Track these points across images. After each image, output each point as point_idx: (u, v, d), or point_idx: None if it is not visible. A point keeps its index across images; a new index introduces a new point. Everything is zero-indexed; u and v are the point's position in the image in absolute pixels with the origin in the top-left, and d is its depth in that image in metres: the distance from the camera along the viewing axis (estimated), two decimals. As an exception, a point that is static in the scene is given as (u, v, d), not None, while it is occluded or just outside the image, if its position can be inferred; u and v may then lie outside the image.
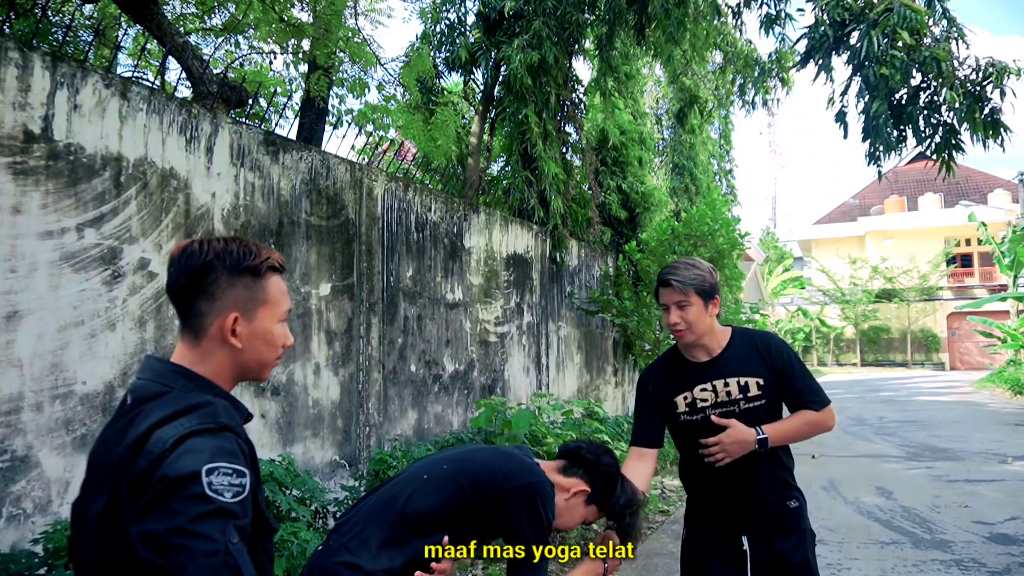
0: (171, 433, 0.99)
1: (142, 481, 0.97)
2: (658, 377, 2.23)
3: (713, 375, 2.13)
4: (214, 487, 0.95)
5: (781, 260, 34.57)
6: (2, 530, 2.77)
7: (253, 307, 1.18)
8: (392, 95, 7.79)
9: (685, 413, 2.15)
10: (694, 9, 7.18)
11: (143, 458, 0.98)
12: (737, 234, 8.60)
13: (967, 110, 5.22)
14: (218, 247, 1.16)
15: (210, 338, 1.16)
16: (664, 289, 2.12)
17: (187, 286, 1.15)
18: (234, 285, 1.16)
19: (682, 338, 2.12)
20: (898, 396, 16.50)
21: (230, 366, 1.18)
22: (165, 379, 1.12)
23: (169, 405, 1.05)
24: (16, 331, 2.87)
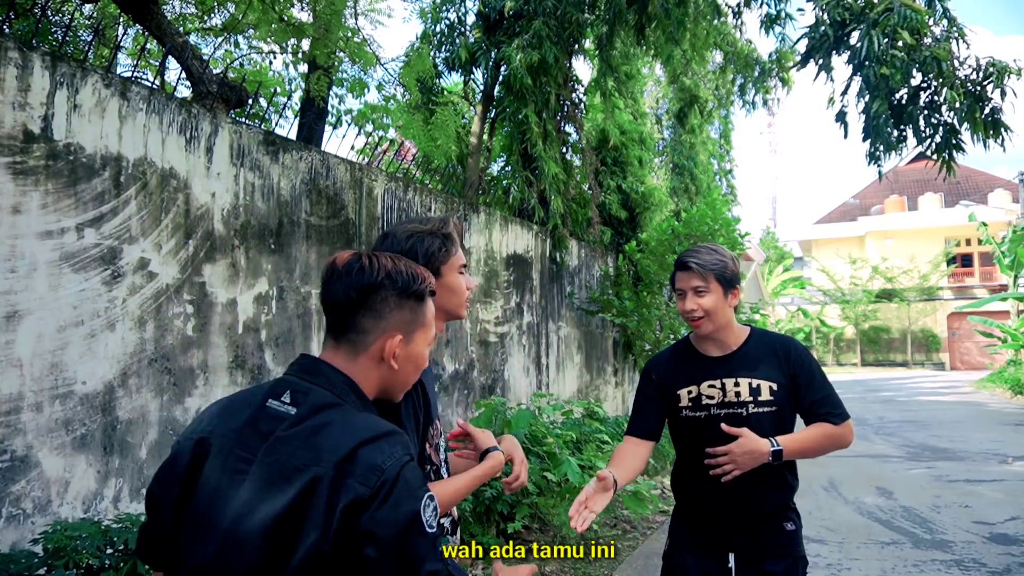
0: (386, 462, 1.00)
1: (363, 509, 0.96)
2: (664, 366, 2.09)
3: (724, 372, 1.98)
4: (428, 522, 1.00)
5: (781, 260, 34.57)
6: (2, 530, 2.77)
7: (413, 329, 1.19)
8: (392, 95, 7.79)
9: (688, 408, 2.01)
10: (694, 9, 7.18)
11: (359, 482, 0.97)
12: (737, 234, 8.59)
13: (967, 110, 5.22)
14: (388, 266, 1.17)
15: (370, 356, 1.16)
16: (682, 273, 1.98)
17: (356, 301, 1.15)
18: (402, 307, 1.17)
19: (699, 328, 1.97)
20: (898, 396, 16.50)
21: (378, 385, 1.18)
22: (339, 391, 1.11)
23: (361, 423, 1.05)
24: (16, 331, 2.87)
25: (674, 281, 2.03)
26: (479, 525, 4.48)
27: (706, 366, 2.01)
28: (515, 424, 4.55)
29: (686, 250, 2.02)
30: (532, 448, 5.00)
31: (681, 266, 1.99)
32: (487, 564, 4.22)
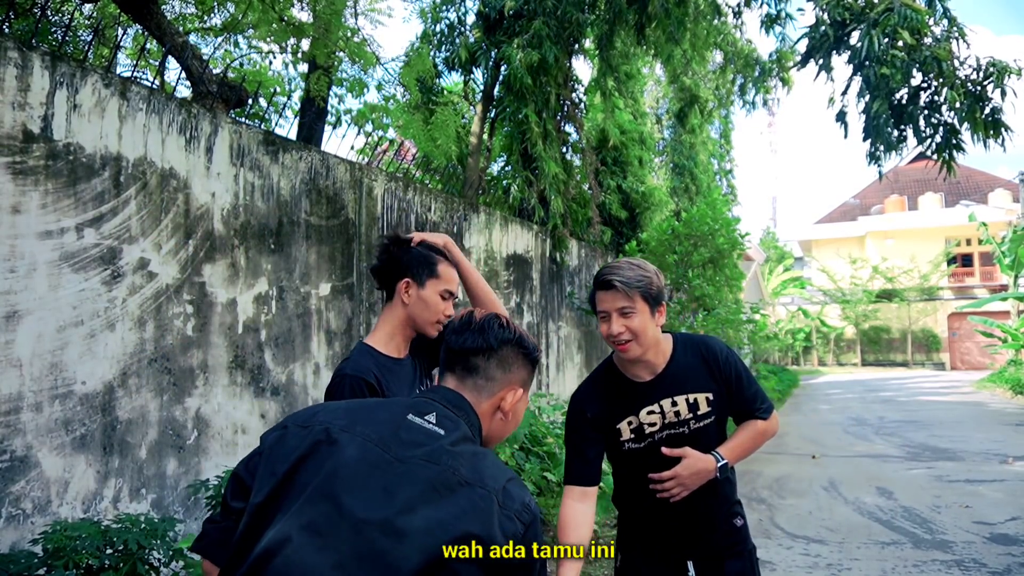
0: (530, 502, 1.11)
1: (517, 536, 1.06)
2: (597, 401, 1.91)
3: (660, 394, 1.87)
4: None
5: (781, 260, 34.57)
6: (2, 530, 2.77)
7: (524, 388, 1.34)
8: (392, 95, 7.79)
9: (630, 441, 1.89)
10: (694, 9, 7.18)
11: (517, 518, 1.07)
12: (737, 234, 8.60)
13: (968, 110, 5.22)
14: (520, 331, 1.35)
15: (492, 403, 1.28)
16: (604, 292, 1.80)
17: (494, 351, 1.29)
18: (524, 366, 1.33)
19: (626, 352, 1.80)
20: (898, 396, 16.50)
21: (486, 432, 1.29)
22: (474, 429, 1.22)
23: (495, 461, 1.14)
24: (16, 331, 2.87)
25: (594, 302, 1.85)
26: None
27: (641, 393, 1.88)
28: (515, 424, 4.55)
29: (605, 267, 1.84)
30: (532, 448, 4.99)
31: (602, 285, 1.80)
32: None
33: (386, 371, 1.75)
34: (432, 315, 1.80)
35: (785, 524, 5.33)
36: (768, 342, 21.34)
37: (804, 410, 13.94)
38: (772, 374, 19.66)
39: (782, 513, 5.66)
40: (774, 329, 24.56)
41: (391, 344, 1.83)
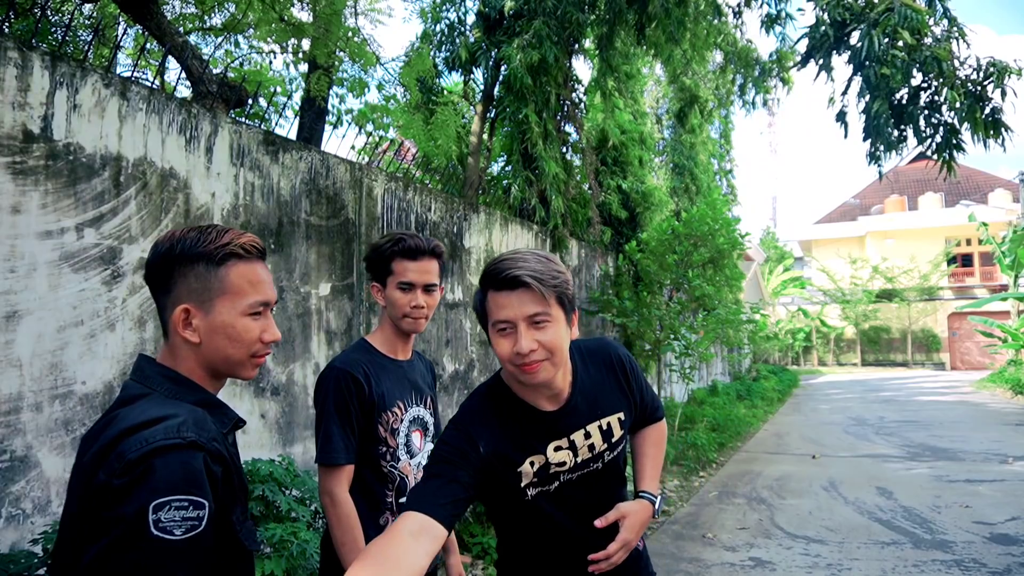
0: (133, 447, 0.92)
1: (100, 498, 0.92)
2: (491, 433, 1.40)
3: (569, 426, 1.44)
4: (161, 524, 0.89)
5: (781, 260, 34.57)
6: (1, 530, 2.77)
7: (208, 298, 1.08)
8: (392, 95, 7.79)
9: (533, 484, 1.41)
10: (694, 9, 7.17)
11: (104, 471, 0.93)
12: (737, 234, 8.60)
13: (968, 110, 5.22)
14: (177, 235, 1.09)
15: (173, 333, 1.09)
16: (507, 295, 1.30)
17: (148, 279, 1.11)
18: (186, 275, 1.08)
19: (534, 375, 1.32)
20: (898, 396, 16.49)
21: (198, 363, 1.10)
22: (151, 381, 1.07)
23: (140, 411, 0.99)
24: (15, 331, 2.87)
25: (485, 309, 1.35)
26: (479, 525, 4.48)
27: (546, 424, 1.43)
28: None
29: (502, 259, 1.35)
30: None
31: (505, 283, 1.30)
32: (487, 564, 4.22)
33: (379, 368, 1.79)
34: (398, 311, 1.81)
35: (785, 524, 5.33)
36: (768, 342, 21.36)
37: (804, 410, 13.94)
38: (772, 374, 19.67)
39: (782, 513, 5.66)
40: (774, 329, 24.57)
41: (388, 344, 1.86)
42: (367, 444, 1.75)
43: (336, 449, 1.69)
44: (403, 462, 1.80)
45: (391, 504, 1.78)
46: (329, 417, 1.71)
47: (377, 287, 1.85)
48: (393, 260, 1.81)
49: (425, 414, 1.90)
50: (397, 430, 1.79)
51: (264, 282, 1.16)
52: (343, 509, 1.66)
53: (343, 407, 1.71)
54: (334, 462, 1.69)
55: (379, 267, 1.83)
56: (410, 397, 1.85)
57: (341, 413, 1.70)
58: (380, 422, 1.75)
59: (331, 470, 1.69)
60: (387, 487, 1.78)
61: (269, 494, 3.04)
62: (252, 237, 1.15)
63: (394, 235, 1.84)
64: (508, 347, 1.31)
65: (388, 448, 1.77)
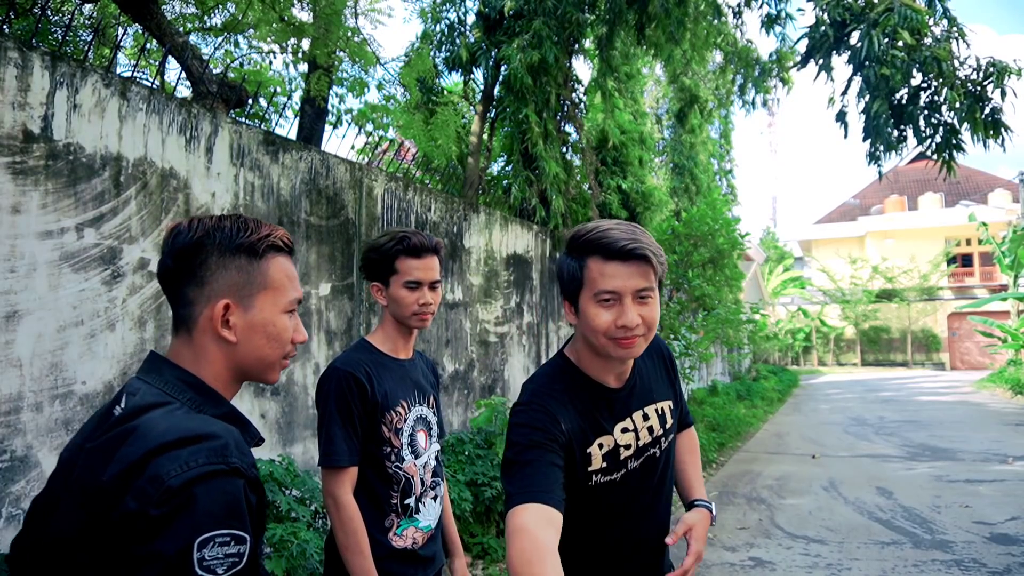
0: (173, 472, 0.82)
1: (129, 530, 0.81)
2: (567, 410, 1.33)
3: (631, 406, 1.40)
4: (206, 563, 0.80)
5: (781, 260, 34.58)
6: (2, 530, 2.77)
7: (250, 293, 0.99)
8: (392, 95, 7.80)
9: (601, 472, 1.34)
10: (694, 9, 7.18)
11: (134, 497, 0.81)
12: (737, 234, 8.61)
13: (968, 110, 5.22)
14: (209, 224, 0.99)
15: (201, 331, 0.99)
16: (621, 265, 1.25)
17: (173, 269, 0.99)
18: (226, 267, 0.98)
19: (630, 349, 1.28)
20: (898, 396, 16.50)
21: (227, 365, 1.00)
22: (170, 387, 0.96)
23: (170, 426, 0.88)
24: (16, 331, 2.87)
25: (587, 275, 1.28)
26: (479, 525, 4.49)
27: (613, 402, 1.38)
28: (515, 424, 4.55)
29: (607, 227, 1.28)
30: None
31: (623, 253, 1.25)
32: (487, 564, 4.22)
33: (381, 368, 1.78)
34: (405, 310, 1.80)
35: (785, 524, 5.33)
36: (768, 342, 21.37)
37: (804, 410, 13.95)
38: (772, 374, 19.67)
39: (782, 513, 5.66)
40: (774, 329, 24.58)
41: (389, 343, 1.85)
42: (371, 445, 1.74)
43: (339, 451, 1.68)
44: (408, 462, 1.79)
45: (396, 506, 1.76)
46: (331, 419, 1.69)
47: (378, 287, 1.83)
48: (397, 259, 1.78)
49: (428, 413, 1.89)
50: (401, 430, 1.77)
51: (297, 278, 1.08)
52: (347, 512, 1.65)
53: (345, 408, 1.69)
54: (337, 464, 1.67)
55: (381, 266, 1.80)
56: (413, 396, 1.83)
57: (343, 414, 1.69)
58: (383, 422, 1.74)
59: (334, 472, 1.67)
60: (392, 488, 1.76)
61: (269, 494, 3.05)
62: (285, 231, 1.07)
63: (395, 233, 1.81)
64: (609, 319, 1.25)
65: (392, 448, 1.76)
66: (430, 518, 1.83)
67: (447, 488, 2.02)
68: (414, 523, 1.78)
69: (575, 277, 1.30)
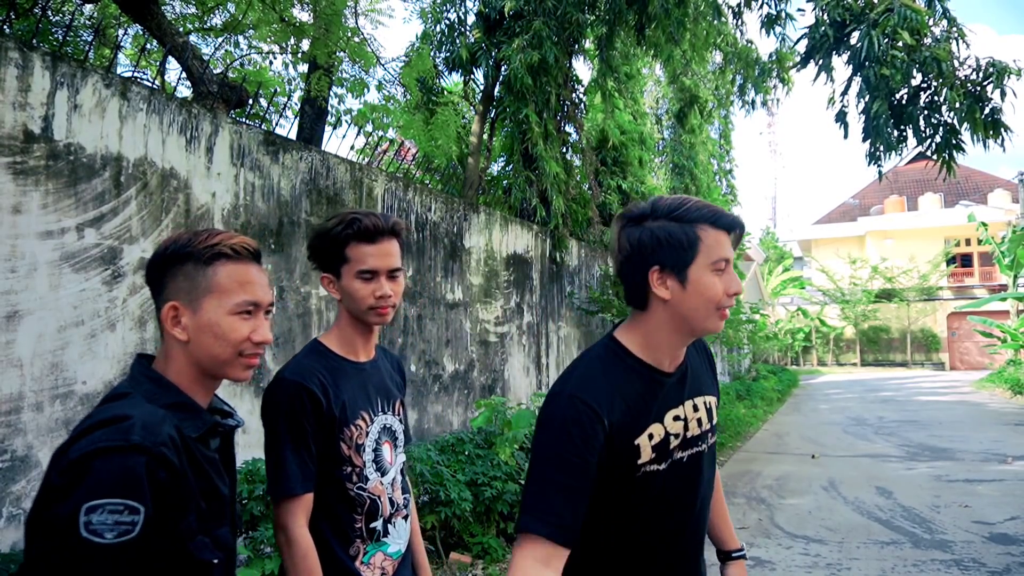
0: (77, 449, 0.93)
1: (44, 498, 0.92)
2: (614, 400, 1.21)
3: (683, 393, 1.32)
4: (92, 527, 0.89)
5: (781, 260, 34.59)
6: (2, 530, 2.77)
7: (196, 297, 1.10)
8: (392, 95, 7.80)
9: (650, 462, 1.24)
10: (694, 9, 7.19)
11: (51, 469, 0.94)
12: (737, 234, 8.60)
13: (967, 110, 5.23)
14: (173, 237, 1.14)
15: (165, 333, 1.12)
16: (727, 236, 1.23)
17: (147, 280, 1.15)
18: (174, 275, 1.11)
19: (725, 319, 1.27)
20: (898, 396, 16.51)
21: (187, 362, 1.12)
22: (133, 381, 1.09)
23: (102, 412, 1.01)
24: (16, 331, 2.87)
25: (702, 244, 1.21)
26: (479, 525, 4.49)
27: (665, 387, 1.29)
28: (515, 424, 4.55)
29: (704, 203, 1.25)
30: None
31: (734, 226, 1.24)
32: (487, 564, 4.22)
33: (337, 374, 1.54)
34: (360, 304, 1.54)
35: (785, 524, 5.34)
36: (768, 342, 21.36)
37: (804, 410, 13.95)
38: (772, 374, 19.67)
39: (782, 513, 5.66)
40: (773, 329, 24.57)
41: (346, 344, 1.60)
42: (328, 466, 1.49)
43: (291, 477, 1.43)
44: (373, 482, 1.55)
45: (360, 531, 1.53)
46: (280, 441, 1.45)
47: (329, 278, 1.57)
48: (348, 246, 1.54)
49: (394, 422, 1.64)
50: (363, 446, 1.54)
51: (254, 283, 1.15)
52: (299, 548, 1.41)
53: (296, 427, 1.45)
54: (290, 493, 1.43)
55: (330, 255, 1.56)
56: (376, 405, 1.59)
57: (295, 435, 1.44)
58: (342, 439, 1.50)
59: (286, 502, 1.43)
60: (355, 512, 1.53)
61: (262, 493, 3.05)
62: (245, 239, 1.16)
63: (345, 216, 1.56)
64: (722, 287, 1.21)
65: (354, 468, 1.52)
66: (400, 542, 1.60)
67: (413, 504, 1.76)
68: (382, 548, 1.56)
69: (686, 243, 1.20)
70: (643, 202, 1.28)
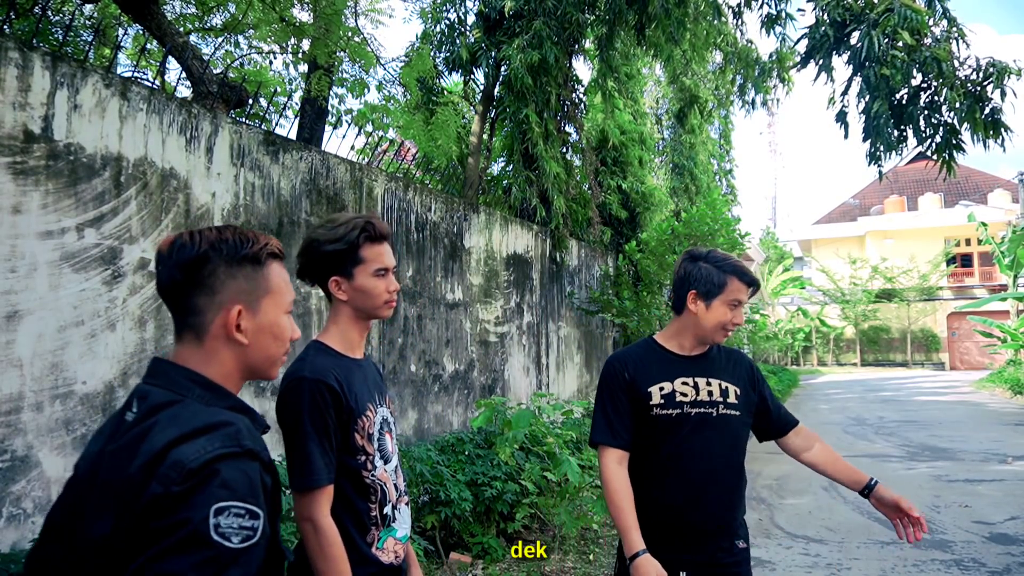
0: (192, 456, 0.90)
1: (154, 510, 0.88)
2: (634, 364, 2.00)
3: (697, 371, 2.00)
4: (221, 529, 0.88)
5: (781, 260, 34.56)
6: (2, 530, 2.77)
7: (256, 298, 1.10)
8: (392, 95, 7.80)
9: (659, 406, 1.94)
10: (694, 9, 7.19)
11: (158, 482, 0.88)
12: (737, 234, 8.60)
13: (967, 110, 5.23)
14: (212, 236, 1.07)
15: (213, 336, 1.07)
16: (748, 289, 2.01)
17: (182, 281, 1.05)
18: (234, 276, 1.07)
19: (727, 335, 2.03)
20: (898, 396, 16.51)
21: (237, 366, 1.09)
22: (178, 386, 1.03)
23: (186, 419, 0.96)
24: (16, 331, 2.87)
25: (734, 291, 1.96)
26: (479, 525, 4.49)
27: (681, 364, 2.01)
28: (515, 424, 4.55)
29: (740, 263, 2.00)
30: (532, 448, 5.00)
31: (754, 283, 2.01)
32: (487, 564, 4.22)
33: (347, 371, 1.63)
34: (377, 299, 1.67)
35: (785, 524, 5.34)
36: (768, 342, 21.36)
37: (804, 410, 13.95)
38: (772, 374, 19.66)
39: (782, 513, 5.66)
40: (774, 329, 24.57)
41: (347, 343, 1.69)
42: (345, 456, 1.59)
43: (317, 469, 1.52)
44: (380, 469, 1.65)
45: (375, 518, 1.62)
46: (305, 436, 1.53)
47: (339, 281, 1.66)
48: (363, 247, 1.65)
49: (388, 415, 1.77)
50: (372, 435, 1.65)
51: (291, 282, 1.18)
52: (327, 537, 1.50)
53: (321, 422, 1.55)
54: (317, 485, 1.51)
55: (345, 258, 1.64)
56: (376, 398, 1.70)
57: (319, 429, 1.54)
58: (356, 429, 1.61)
59: (312, 494, 1.52)
60: (370, 500, 1.63)
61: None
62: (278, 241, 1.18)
63: (353, 220, 1.66)
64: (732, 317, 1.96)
65: (367, 456, 1.63)
66: (406, 526, 1.72)
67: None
68: (391, 533, 1.66)
69: (715, 286, 1.95)
70: (703, 248, 2.06)
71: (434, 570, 4.05)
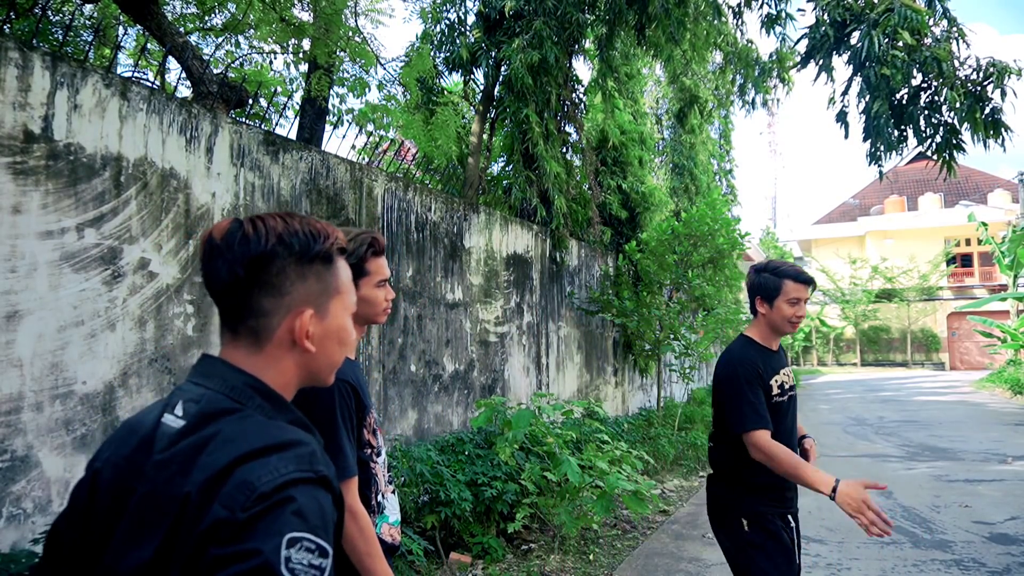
0: (263, 477, 0.78)
1: (215, 536, 0.76)
2: (761, 361, 2.41)
3: (784, 363, 2.50)
4: (291, 565, 0.75)
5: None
6: (2, 530, 2.77)
7: (326, 300, 0.96)
8: (392, 95, 7.79)
9: (777, 395, 2.40)
10: (694, 9, 7.19)
11: (222, 504, 0.77)
12: (737, 234, 8.60)
13: (968, 110, 5.23)
14: (279, 228, 0.92)
15: (277, 343, 0.93)
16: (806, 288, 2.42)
17: (245, 280, 0.90)
18: (304, 276, 0.93)
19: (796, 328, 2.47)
20: (898, 396, 16.50)
21: (298, 373, 0.96)
22: (238, 393, 0.90)
23: (254, 433, 0.84)
24: (16, 331, 2.87)
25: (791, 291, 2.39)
26: (479, 525, 4.49)
27: (776, 359, 2.48)
28: (515, 424, 4.55)
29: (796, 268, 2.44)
30: (532, 448, 5.00)
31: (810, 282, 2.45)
32: (487, 564, 4.22)
33: (355, 370, 1.75)
34: (376, 307, 1.80)
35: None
36: (768, 342, 21.37)
37: (804, 410, 13.95)
38: (772, 374, 19.65)
39: (782, 513, 5.66)
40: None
41: None
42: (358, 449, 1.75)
43: (349, 461, 1.66)
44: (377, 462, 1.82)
45: (375, 506, 1.79)
46: (337, 430, 1.65)
47: None
48: (367, 260, 1.78)
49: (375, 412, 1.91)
50: (375, 431, 1.82)
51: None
52: (364, 519, 1.64)
53: (348, 417, 1.68)
54: (351, 474, 1.65)
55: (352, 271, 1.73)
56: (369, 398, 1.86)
57: (346, 423, 1.68)
58: (365, 425, 1.77)
59: (347, 483, 1.64)
60: (371, 488, 1.78)
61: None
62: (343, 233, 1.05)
63: (362, 236, 1.77)
64: (796, 312, 2.40)
65: (373, 449, 1.80)
66: (396, 512, 1.87)
67: None
68: (384, 519, 1.81)
69: (771, 287, 2.42)
70: (764, 261, 2.55)
71: (434, 570, 4.05)
